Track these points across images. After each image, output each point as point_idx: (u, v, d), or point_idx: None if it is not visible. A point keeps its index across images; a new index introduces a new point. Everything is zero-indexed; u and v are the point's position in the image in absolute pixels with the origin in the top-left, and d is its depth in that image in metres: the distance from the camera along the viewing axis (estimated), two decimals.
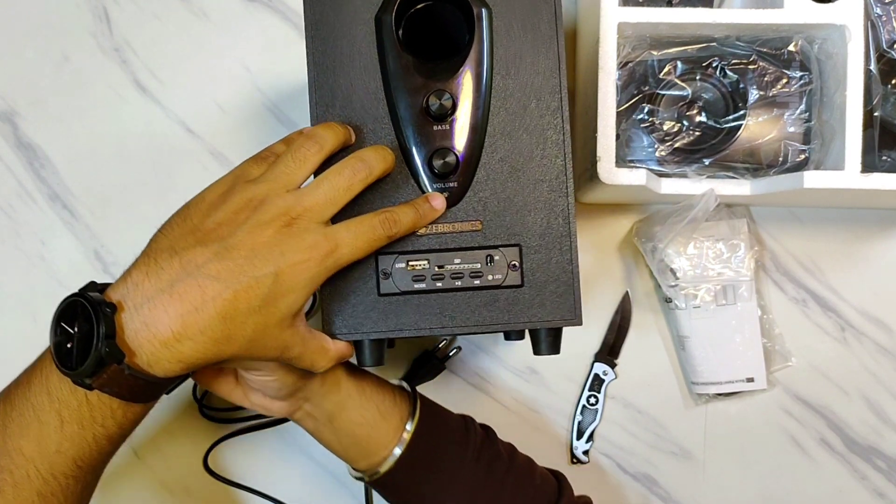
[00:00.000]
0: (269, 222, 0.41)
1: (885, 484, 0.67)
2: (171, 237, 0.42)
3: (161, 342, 0.39)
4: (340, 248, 0.43)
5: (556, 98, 0.49)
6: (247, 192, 0.42)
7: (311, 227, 0.42)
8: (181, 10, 0.70)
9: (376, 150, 0.46)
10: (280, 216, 0.42)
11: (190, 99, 0.70)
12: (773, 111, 0.61)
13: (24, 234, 0.69)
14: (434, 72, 0.48)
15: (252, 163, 0.46)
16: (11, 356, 0.70)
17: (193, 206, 0.43)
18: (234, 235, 0.41)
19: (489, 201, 0.49)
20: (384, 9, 0.48)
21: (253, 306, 0.41)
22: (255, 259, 0.40)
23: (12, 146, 0.69)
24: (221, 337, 0.40)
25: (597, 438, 0.68)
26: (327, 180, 0.44)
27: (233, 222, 0.42)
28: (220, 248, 0.40)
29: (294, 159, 0.44)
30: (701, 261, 0.65)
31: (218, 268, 0.40)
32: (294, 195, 0.43)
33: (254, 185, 0.43)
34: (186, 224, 0.42)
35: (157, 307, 0.39)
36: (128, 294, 0.40)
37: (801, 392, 0.67)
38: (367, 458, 0.51)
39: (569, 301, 0.48)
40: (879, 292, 0.68)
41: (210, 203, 0.43)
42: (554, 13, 0.49)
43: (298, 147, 0.45)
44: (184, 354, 0.40)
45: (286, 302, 0.42)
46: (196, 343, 0.40)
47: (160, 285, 0.40)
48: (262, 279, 0.40)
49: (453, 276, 0.48)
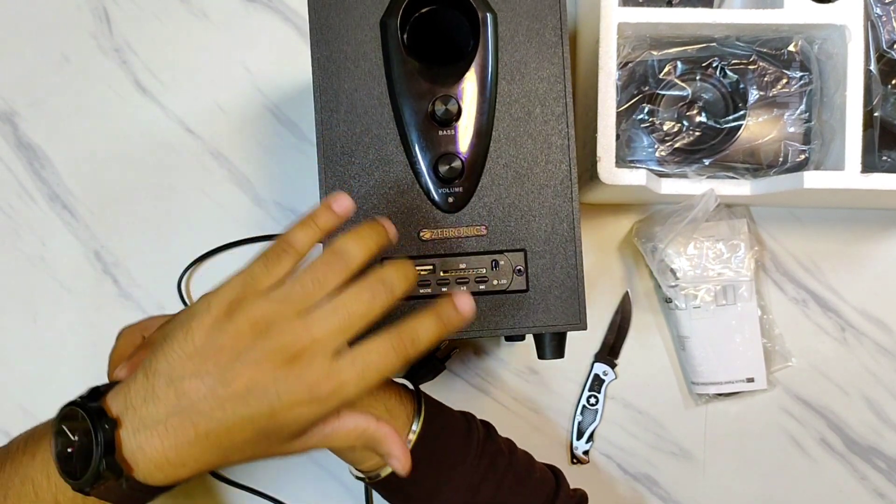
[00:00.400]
0: (270, 355, 0.39)
1: (885, 484, 0.67)
2: (171, 360, 0.39)
3: (156, 466, 0.39)
4: (345, 387, 0.39)
5: (561, 104, 0.49)
6: (253, 312, 0.39)
7: (314, 362, 0.39)
8: (181, 10, 0.70)
9: (399, 268, 0.41)
10: (284, 349, 0.39)
11: (190, 99, 0.70)
12: (773, 111, 0.61)
13: (24, 234, 0.69)
14: (439, 77, 0.48)
15: (264, 265, 0.41)
16: (11, 356, 0.70)
17: (196, 319, 0.40)
18: (232, 367, 0.39)
19: (494, 206, 0.49)
20: (389, 13, 0.48)
21: (248, 439, 0.40)
22: (250, 398, 0.39)
23: (12, 146, 0.69)
24: (219, 461, 0.40)
25: (597, 438, 0.68)
26: (343, 306, 0.40)
27: (234, 348, 0.39)
28: (215, 383, 0.39)
29: (313, 280, 0.40)
30: (701, 261, 0.65)
31: (211, 405, 0.38)
32: (304, 323, 0.39)
33: (263, 303, 0.39)
34: (187, 345, 0.39)
35: (152, 436, 0.39)
36: (125, 414, 0.40)
37: (801, 392, 0.67)
38: (372, 458, 0.51)
39: (573, 306, 0.49)
40: (879, 292, 0.68)
41: (215, 319, 0.40)
42: (559, 19, 0.49)
43: (322, 265, 0.40)
44: (179, 476, 0.40)
45: (287, 433, 0.41)
46: (191, 468, 0.40)
47: (156, 416, 0.39)
48: (255, 418, 0.39)
49: (458, 281, 0.48)
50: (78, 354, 0.68)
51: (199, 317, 0.40)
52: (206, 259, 0.68)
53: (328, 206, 0.42)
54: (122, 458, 0.39)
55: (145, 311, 0.68)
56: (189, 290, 0.69)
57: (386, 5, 0.49)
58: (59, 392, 0.69)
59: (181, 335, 0.40)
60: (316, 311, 0.40)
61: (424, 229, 0.49)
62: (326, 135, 0.49)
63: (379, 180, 0.49)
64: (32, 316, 0.69)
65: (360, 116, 0.49)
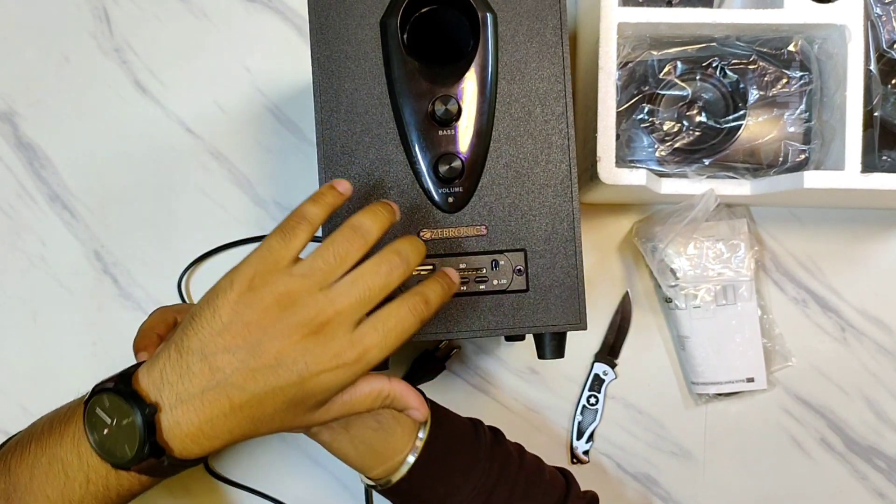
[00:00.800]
0: (296, 327, 0.41)
1: (885, 484, 0.67)
2: (202, 337, 0.41)
3: (191, 439, 0.41)
4: (369, 353, 0.42)
5: (561, 103, 0.49)
6: (278, 287, 0.41)
7: (339, 332, 0.41)
8: (181, 11, 0.70)
9: (411, 241, 0.44)
10: (309, 321, 0.41)
11: (190, 99, 0.70)
12: (773, 111, 0.61)
13: (24, 234, 0.69)
14: (439, 77, 0.48)
15: (280, 238, 0.42)
16: (11, 356, 0.70)
17: (222, 297, 0.42)
18: (261, 342, 0.41)
19: (494, 206, 0.49)
20: (389, 13, 0.48)
21: (279, 409, 0.42)
22: (280, 368, 0.41)
23: (12, 146, 0.69)
24: (249, 432, 0.42)
25: (597, 438, 0.68)
26: (363, 279, 0.42)
27: (261, 324, 0.41)
28: (247, 356, 0.41)
29: (335, 255, 0.42)
30: (701, 261, 0.65)
31: (244, 377, 0.41)
32: (326, 297, 0.41)
33: (287, 279, 0.41)
34: (215, 322, 0.41)
35: (189, 410, 0.41)
36: (163, 391, 0.41)
37: (801, 392, 0.67)
38: (382, 464, 0.52)
39: (574, 306, 0.49)
40: (879, 292, 0.68)
41: (239, 294, 0.41)
42: (559, 19, 0.49)
43: (342, 241, 0.42)
44: (213, 447, 0.42)
45: (314, 400, 0.43)
46: (223, 440, 0.42)
47: (192, 390, 0.41)
48: (286, 388, 0.41)
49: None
50: (78, 354, 0.68)
51: (224, 294, 0.42)
52: (206, 259, 0.68)
53: (332, 186, 0.45)
54: (163, 438, 0.41)
55: (145, 311, 0.68)
56: (189, 290, 0.69)
57: (386, 5, 0.49)
58: (59, 392, 0.69)
59: (209, 313, 0.42)
60: (337, 285, 0.42)
61: (424, 229, 0.49)
62: (326, 135, 0.49)
63: (379, 180, 0.49)
64: (32, 316, 0.69)
65: (360, 116, 0.49)
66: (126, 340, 0.58)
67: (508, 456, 0.53)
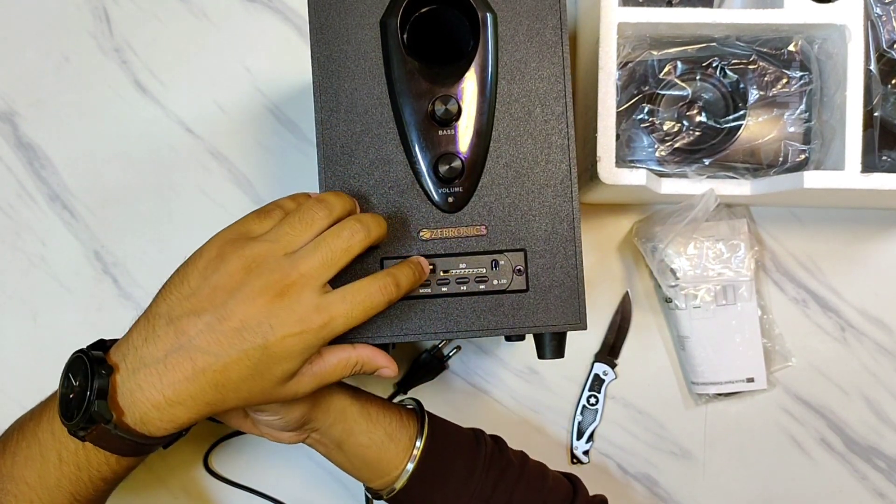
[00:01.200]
0: (262, 290, 0.41)
1: (885, 484, 0.67)
2: (169, 302, 0.42)
3: (153, 405, 0.41)
4: (335, 321, 0.42)
5: (561, 103, 0.49)
6: (245, 252, 0.42)
7: (304, 296, 0.42)
8: (181, 10, 0.70)
9: (372, 215, 0.46)
10: (274, 284, 0.42)
11: (190, 99, 0.70)
12: (773, 111, 0.61)
13: (24, 234, 0.69)
14: (439, 76, 0.48)
15: (255, 217, 0.45)
16: (11, 356, 0.70)
17: (191, 265, 0.43)
18: (227, 305, 0.41)
19: (494, 206, 0.49)
20: (389, 13, 0.48)
21: (244, 376, 0.42)
22: (245, 332, 0.41)
23: (12, 146, 0.69)
24: (214, 401, 0.42)
25: (597, 438, 0.68)
26: (325, 242, 0.43)
27: (227, 286, 0.42)
28: (212, 319, 0.41)
29: (301, 220, 0.44)
30: (701, 261, 0.65)
31: (208, 339, 0.41)
32: (290, 259, 0.42)
33: (254, 243, 0.43)
34: (184, 287, 0.42)
35: (151, 374, 0.41)
36: (127, 356, 0.42)
37: (801, 392, 0.67)
38: (380, 477, 0.52)
39: (574, 306, 0.49)
40: (879, 292, 0.68)
41: (208, 261, 0.43)
42: (559, 19, 0.49)
43: (307, 209, 0.44)
44: (176, 416, 0.42)
45: (280, 369, 0.42)
46: (188, 408, 0.42)
47: (156, 354, 0.41)
48: (250, 352, 0.41)
49: (458, 280, 0.48)
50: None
51: (194, 261, 0.43)
52: None
53: (307, 195, 0.48)
54: (116, 403, 0.41)
55: None
56: None
57: (386, 5, 0.49)
58: None
59: (178, 279, 0.43)
60: (302, 250, 0.43)
61: (424, 229, 0.49)
62: (326, 135, 0.49)
63: (379, 180, 0.49)
64: (32, 316, 0.69)
65: (360, 116, 0.49)
66: None
67: (508, 464, 0.53)
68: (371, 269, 0.48)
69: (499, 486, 0.52)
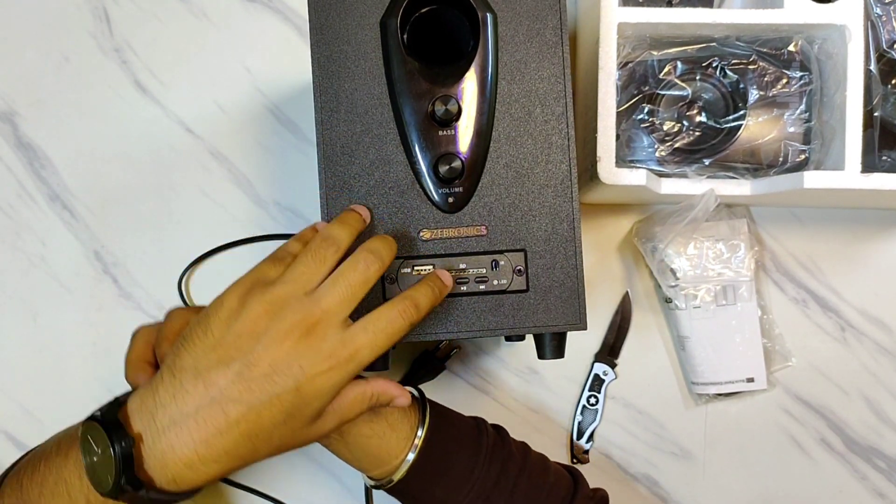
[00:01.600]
0: (287, 332, 0.41)
1: (885, 484, 0.67)
2: (195, 354, 0.42)
3: (185, 464, 0.40)
4: (360, 352, 0.43)
5: (561, 104, 0.49)
6: (265, 297, 0.42)
7: (329, 332, 0.42)
8: (181, 10, 0.70)
9: (382, 239, 0.46)
10: (298, 324, 0.42)
11: (190, 99, 0.70)
12: (773, 111, 0.61)
13: (24, 234, 0.69)
14: (439, 77, 0.48)
15: (268, 264, 0.45)
16: (11, 356, 0.70)
17: (213, 315, 0.43)
18: (254, 350, 0.41)
19: (494, 206, 0.49)
20: (389, 13, 0.48)
21: (277, 421, 0.41)
22: (275, 376, 0.41)
23: (12, 146, 0.69)
24: (246, 453, 0.42)
25: (597, 438, 0.68)
26: (342, 277, 0.43)
27: (252, 332, 0.41)
28: (241, 367, 0.41)
29: (314, 258, 0.44)
30: (701, 261, 0.65)
31: (240, 388, 0.40)
32: (312, 298, 0.42)
33: (272, 287, 0.43)
34: (208, 338, 0.42)
35: (182, 432, 0.40)
36: (155, 415, 0.41)
37: (801, 392, 0.67)
38: (381, 466, 0.52)
39: (574, 306, 0.49)
40: (879, 292, 0.68)
41: (229, 311, 0.42)
42: (559, 19, 0.49)
43: (317, 247, 0.44)
44: (208, 473, 0.41)
45: (311, 409, 0.42)
46: (220, 463, 0.41)
47: (186, 409, 0.40)
48: (283, 395, 0.41)
49: (458, 281, 0.48)
50: (78, 354, 0.68)
51: (216, 312, 0.43)
52: (206, 259, 0.68)
53: (313, 228, 0.48)
54: (145, 469, 0.40)
55: (145, 311, 0.68)
56: (189, 291, 0.69)
57: (386, 5, 0.49)
58: (59, 392, 0.69)
59: (200, 331, 0.42)
60: (320, 287, 0.43)
61: (424, 229, 0.49)
62: (326, 135, 0.49)
63: (379, 180, 0.49)
64: (32, 316, 0.69)
65: (360, 116, 0.49)
66: (126, 341, 0.57)
67: (510, 456, 0.53)
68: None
69: (500, 479, 0.52)
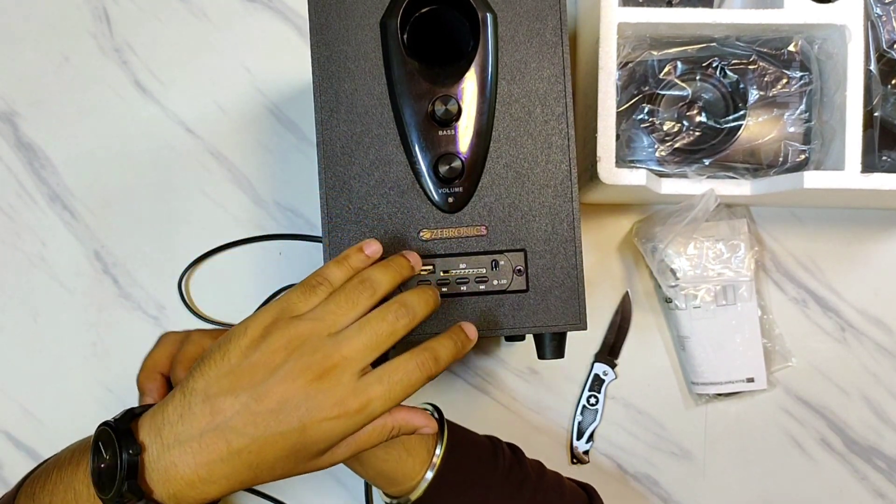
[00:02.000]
0: (302, 371, 0.41)
1: (885, 484, 0.67)
2: (207, 378, 0.41)
3: (186, 483, 0.40)
4: (372, 403, 0.41)
5: (561, 104, 0.49)
6: (289, 331, 0.42)
7: (343, 378, 0.41)
8: (181, 11, 0.70)
9: (420, 293, 0.45)
10: (315, 365, 0.41)
11: (190, 99, 0.70)
12: (773, 111, 0.61)
13: (24, 234, 0.69)
14: (439, 77, 0.48)
15: (300, 293, 0.44)
16: (11, 356, 0.70)
17: (234, 341, 0.42)
18: (266, 383, 0.41)
19: (494, 206, 0.49)
20: (389, 13, 0.48)
21: (279, 456, 0.41)
22: (282, 413, 0.40)
23: (12, 146, 0.69)
24: (248, 479, 0.42)
25: (597, 438, 0.68)
26: (370, 325, 0.42)
27: (268, 364, 0.41)
28: (249, 399, 0.40)
29: (347, 299, 0.43)
30: (701, 261, 0.65)
31: (244, 421, 0.40)
32: (334, 341, 0.42)
33: (298, 322, 0.42)
34: (224, 364, 0.42)
35: (186, 452, 0.40)
36: (162, 431, 0.41)
37: (801, 392, 0.67)
38: (397, 485, 0.52)
39: (574, 306, 0.49)
40: (879, 292, 0.68)
41: (251, 339, 0.42)
42: (559, 20, 0.49)
43: (351, 290, 0.43)
44: (209, 494, 0.41)
45: (316, 448, 0.42)
46: (221, 486, 0.41)
47: (191, 432, 0.40)
48: (287, 434, 0.41)
49: (458, 281, 0.48)
50: (78, 354, 0.68)
51: (237, 338, 0.42)
52: (206, 259, 0.68)
53: (360, 248, 0.46)
54: (146, 480, 0.40)
55: (145, 311, 0.68)
56: (189, 291, 0.69)
57: (386, 5, 0.49)
58: (59, 392, 0.69)
59: (218, 356, 0.42)
60: (345, 331, 0.42)
61: (424, 229, 0.49)
62: (326, 135, 0.49)
63: (379, 180, 0.49)
64: (33, 316, 0.69)
65: (360, 116, 0.49)
66: (126, 341, 0.58)
67: (526, 476, 0.53)
68: None
69: (516, 498, 0.51)
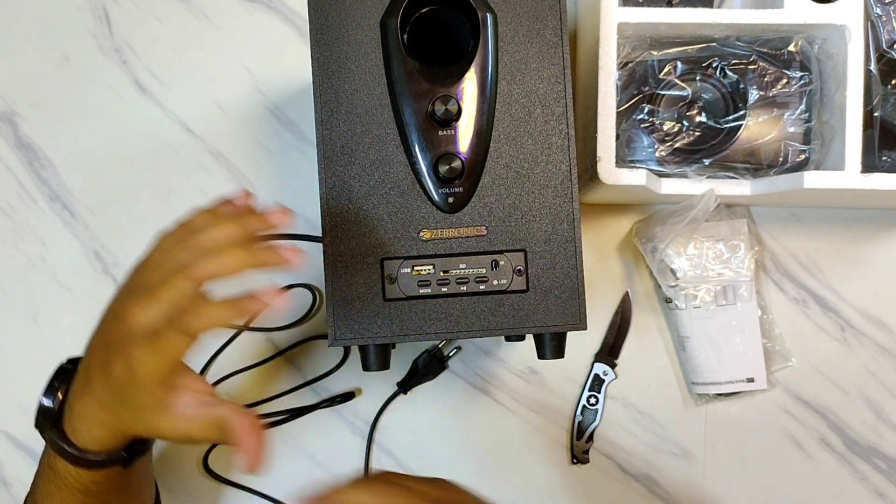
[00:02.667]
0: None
1: (885, 484, 0.67)
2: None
3: (78, 418, 0.44)
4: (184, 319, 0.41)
5: (561, 104, 0.49)
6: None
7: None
8: (181, 11, 0.70)
9: (219, 307, 0.41)
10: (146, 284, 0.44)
11: (190, 99, 0.70)
12: (773, 111, 0.61)
13: (24, 234, 0.69)
14: (439, 77, 0.48)
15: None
16: (11, 356, 0.70)
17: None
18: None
19: (494, 206, 0.49)
20: (389, 13, 0.48)
21: (117, 364, 0.42)
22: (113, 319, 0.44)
23: (12, 146, 0.69)
24: (114, 406, 0.43)
25: (597, 438, 0.68)
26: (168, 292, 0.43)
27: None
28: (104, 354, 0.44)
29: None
30: (701, 261, 0.65)
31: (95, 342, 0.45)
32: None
33: None
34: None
35: (73, 391, 0.45)
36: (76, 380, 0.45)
37: (801, 392, 0.67)
38: None
39: (574, 306, 0.49)
40: (879, 292, 0.68)
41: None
42: (559, 20, 0.49)
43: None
44: (102, 432, 0.44)
45: (137, 352, 0.41)
46: (101, 421, 0.44)
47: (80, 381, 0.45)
48: (104, 326, 0.45)
49: (458, 281, 0.48)
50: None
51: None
52: None
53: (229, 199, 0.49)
54: (62, 423, 0.45)
55: None
56: None
57: (386, 5, 0.49)
58: None
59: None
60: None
61: (424, 229, 0.49)
62: (326, 135, 0.49)
63: (379, 180, 0.49)
64: (33, 316, 0.68)
65: (360, 116, 0.49)
66: None
67: None
68: (372, 267, 0.48)
69: None
